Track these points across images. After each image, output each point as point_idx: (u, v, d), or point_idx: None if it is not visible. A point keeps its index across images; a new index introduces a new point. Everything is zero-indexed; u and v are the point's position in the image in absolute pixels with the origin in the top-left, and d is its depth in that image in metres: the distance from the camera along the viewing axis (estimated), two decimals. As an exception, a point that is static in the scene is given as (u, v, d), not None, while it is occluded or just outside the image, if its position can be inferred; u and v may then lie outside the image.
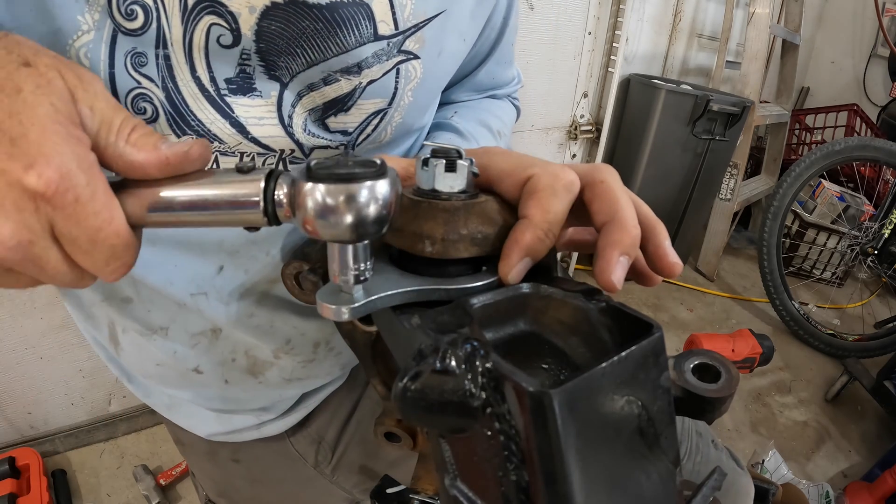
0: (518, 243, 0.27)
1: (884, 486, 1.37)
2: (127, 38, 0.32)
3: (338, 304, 0.25)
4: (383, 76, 0.40)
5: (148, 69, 0.33)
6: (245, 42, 0.34)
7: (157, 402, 0.56)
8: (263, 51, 0.35)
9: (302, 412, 0.57)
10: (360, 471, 0.60)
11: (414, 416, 0.20)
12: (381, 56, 0.39)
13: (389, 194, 0.23)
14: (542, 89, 1.91)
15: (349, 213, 0.22)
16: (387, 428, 0.36)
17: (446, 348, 0.21)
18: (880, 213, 2.03)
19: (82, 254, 0.23)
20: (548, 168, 0.28)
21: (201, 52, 0.34)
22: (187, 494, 1.30)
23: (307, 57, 0.36)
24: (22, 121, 0.20)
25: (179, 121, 0.35)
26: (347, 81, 0.38)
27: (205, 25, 0.33)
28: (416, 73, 0.42)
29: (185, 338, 0.46)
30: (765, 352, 1.65)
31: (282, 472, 0.60)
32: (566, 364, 0.25)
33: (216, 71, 0.35)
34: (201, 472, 0.65)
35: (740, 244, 2.87)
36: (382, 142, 0.45)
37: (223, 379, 0.50)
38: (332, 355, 0.53)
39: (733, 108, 2.03)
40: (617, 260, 0.26)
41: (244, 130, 0.37)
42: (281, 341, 0.49)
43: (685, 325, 2.14)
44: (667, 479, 0.22)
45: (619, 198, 0.27)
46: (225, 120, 0.36)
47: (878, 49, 2.92)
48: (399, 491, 0.47)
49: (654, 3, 2.15)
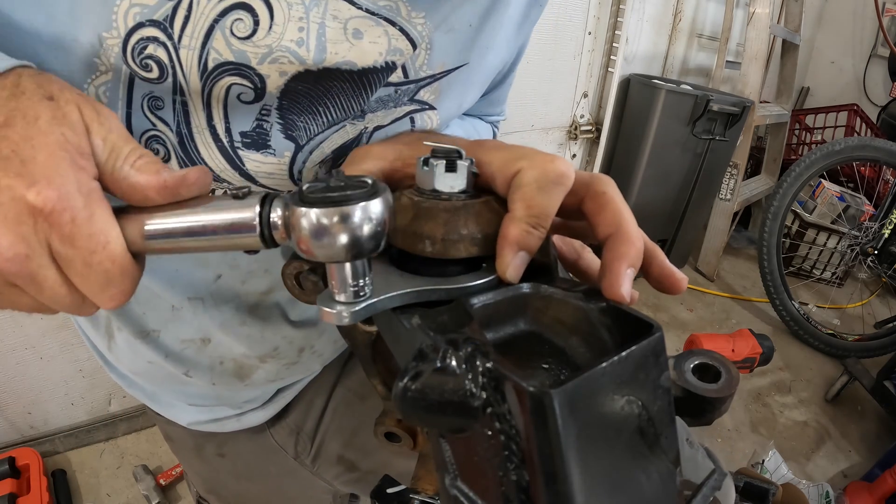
0: (505, 239, 0.26)
1: (884, 486, 1.37)
2: (145, 84, 0.32)
3: (339, 308, 0.25)
4: (393, 122, 0.40)
5: (164, 113, 0.34)
6: (268, 98, 0.34)
7: (139, 392, 0.57)
8: (285, 108, 0.35)
9: (280, 402, 0.58)
10: (339, 461, 0.60)
11: (414, 416, 0.20)
12: (388, 102, 0.39)
13: (383, 213, 0.23)
14: (542, 89, 1.91)
15: (343, 235, 0.22)
16: (387, 428, 0.36)
17: (446, 348, 0.21)
18: (880, 213, 2.04)
19: (78, 276, 0.23)
20: (536, 160, 0.28)
21: (220, 103, 0.34)
22: (187, 494, 1.30)
23: (329, 116, 0.37)
24: (34, 145, 0.22)
25: (189, 164, 0.36)
26: (353, 126, 0.38)
27: (224, 84, 0.33)
28: (432, 122, 0.42)
29: (176, 342, 0.47)
30: (765, 352, 1.65)
31: (265, 466, 0.61)
32: (566, 364, 0.25)
33: (233, 122, 0.35)
34: (190, 468, 0.66)
35: (740, 244, 2.87)
36: None
37: (210, 382, 0.51)
38: (315, 356, 0.55)
39: (733, 108, 2.03)
40: (625, 273, 0.25)
41: (252, 180, 0.38)
42: (269, 348, 0.49)
43: (685, 325, 2.14)
44: (667, 479, 0.22)
45: (623, 210, 0.27)
46: (234, 171, 0.37)
47: (878, 49, 2.92)
48: (399, 491, 0.47)
49: (654, 3, 2.15)
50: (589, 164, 2.24)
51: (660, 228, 2.25)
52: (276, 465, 0.61)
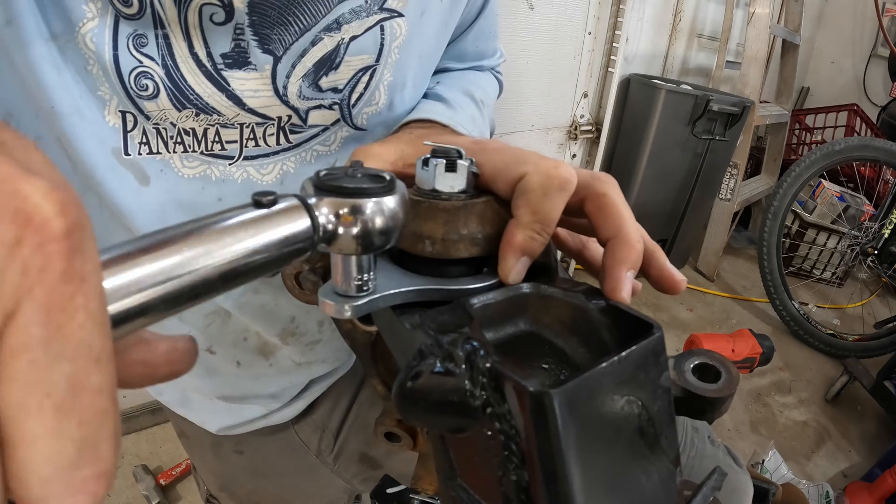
0: (510, 244, 0.27)
1: (884, 486, 1.37)
2: (128, 22, 0.34)
3: (340, 301, 0.24)
4: (366, 32, 0.41)
5: (149, 49, 0.35)
6: (238, 16, 0.36)
7: (170, 399, 0.57)
8: (257, 24, 0.37)
9: (308, 399, 0.58)
10: (361, 459, 0.60)
11: (414, 416, 0.20)
12: (360, 12, 0.40)
13: (397, 210, 0.22)
14: (542, 89, 1.91)
15: (355, 228, 0.21)
16: (387, 428, 0.36)
17: (446, 348, 0.21)
18: (880, 213, 2.04)
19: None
20: (541, 165, 0.28)
21: (197, 29, 0.35)
22: (187, 494, 1.30)
23: (299, 24, 0.38)
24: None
25: (179, 95, 0.37)
26: (330, 38, 0.40)
27: (196, 5, 0.35)
28: (401, 30, 0.43)
29: (199, 318, 0.48)
30: (765, 352, 1.65)
31: (284, 463, 0.61)
32: (566, 364, 0.25)
33: (212, 46, 0.36)
34: (203, 465, 0.66)
35: (740, 244, 2.87)
36: (380, 105, 0.46)
37: (235, 360, 0.51)
38: (337, 336, 0.54)
39: (733, 108, 2.03)
40: (625, 276, 0.26)
41: (241, 102, 0.39)
42: (286, 320, 0.50)
43: (685, 325, 2.14)
44: (667, 479, 0.22)
45: (623, 213, 0.27)
46: (222, 93, 0.38)
47: (878, 49, 2.93)
48: (399, 491, 0.47)
49: (654, 3, 2.15)
50: (589, 164, 2.24)
51: (660, 228, 2.25)
52: (296, 461, 0.61)
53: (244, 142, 0.42)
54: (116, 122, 0.38)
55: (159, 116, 0.38)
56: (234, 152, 0.42)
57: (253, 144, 0.43)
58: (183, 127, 0.39)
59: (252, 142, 0.42)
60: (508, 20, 1.68)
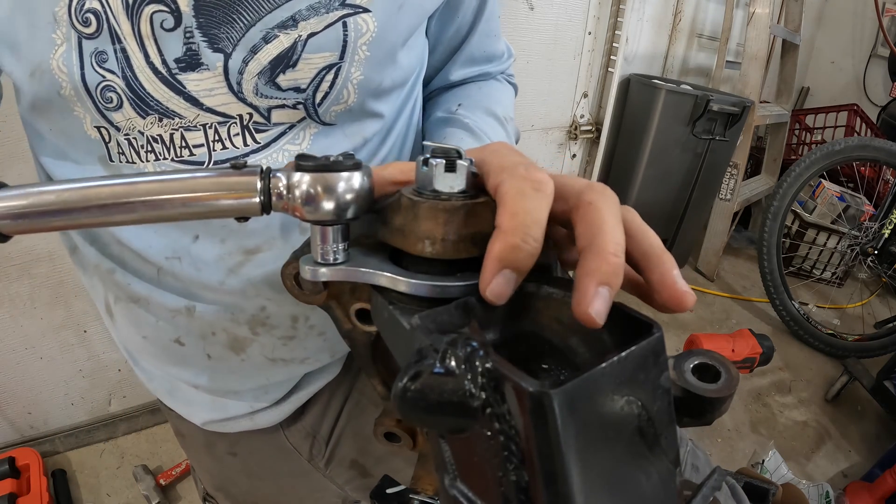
0: (489, 254, 0.24)
1: (884, 486, 1.37)
2: (90, 41, 0.37)
3: (315, 266, 0.27)
4: (326, 28, 0.40)
5: (109, 64, 0.38)
6: (186, 20, 0.37)
7: (159, 386, 0.57)
8: (204, 25, 0.38)
9: (294, 403, 0.57)
10: (352, 465, 0.60)
11: (414, 417, 0.20)
12: (319, 8, 0.40)
13: (362, 185, 0.27)
14: (542, 89, 1.91)
15: (329, 197, 0.26)
16: (387, 428, 0.36)
17: (446, 348, 0.21)
18: (880, 213, 2.04)
19: None
20: (517, 172, 0.25)
21: (150, 39, 0.38)
22: (187, 494, 1.30)
23: (244, 20, 0.39)
24: None
25: (140, 103, 0.40)
26: (286, 35, 0.40)
27: (147, 15, 0.36)
28: (367, 26, 0.42)
29: (165, 312, 0.49)
30: (765, 352, 1.66)
31: (277, 466, 0.61)
32: (566, 364, 0.25)
33: (166, 53, 0.38)
34: (200, 465, 0.66)
35: (740, 244, 2.87)
36: (349, 104, 0.44)
37: (205, 353, 0.51)
38: (315, 334, 0.53)
39: (733, 108, 2.03)
40: (595, 291, 0.21)
41: (198, 103, 0.40)
42: (255, 308, 0.49)
43: (685, 325, 2.14)
44: (667, 480, 0.22)
45: (605, 221, 0.23)
46: (179, 96, 0.40)
47: (878, 49, 2.92)
48: (399, 491, 0.47)
49: (654, 3, 2.15)
50: (589, 164, 2.24)
51: (660, 228, 2.25)
52: (288, 465, 0.61)
53: (211, 144, 0.42)
54: (96, 136, 0.41)
55: (128, 126, 0.40)
56: (203, 157, 0.43)
57: (220, 147, 0.43)
58: (150, 134, 0.41)
59: (219, 143, 0.42)
60: (508, 20, 1.68)
